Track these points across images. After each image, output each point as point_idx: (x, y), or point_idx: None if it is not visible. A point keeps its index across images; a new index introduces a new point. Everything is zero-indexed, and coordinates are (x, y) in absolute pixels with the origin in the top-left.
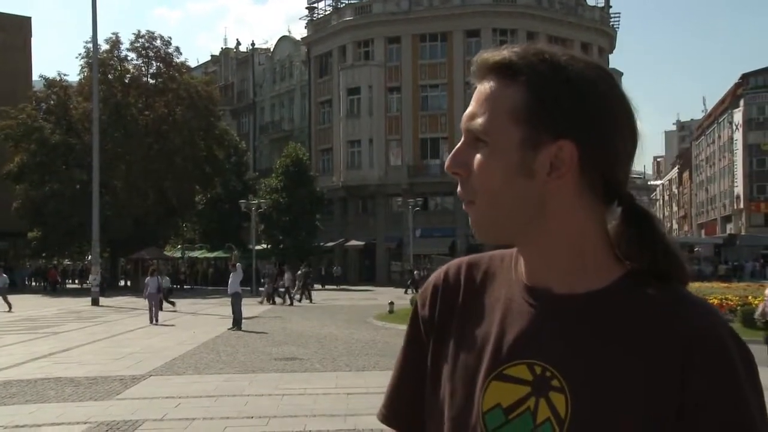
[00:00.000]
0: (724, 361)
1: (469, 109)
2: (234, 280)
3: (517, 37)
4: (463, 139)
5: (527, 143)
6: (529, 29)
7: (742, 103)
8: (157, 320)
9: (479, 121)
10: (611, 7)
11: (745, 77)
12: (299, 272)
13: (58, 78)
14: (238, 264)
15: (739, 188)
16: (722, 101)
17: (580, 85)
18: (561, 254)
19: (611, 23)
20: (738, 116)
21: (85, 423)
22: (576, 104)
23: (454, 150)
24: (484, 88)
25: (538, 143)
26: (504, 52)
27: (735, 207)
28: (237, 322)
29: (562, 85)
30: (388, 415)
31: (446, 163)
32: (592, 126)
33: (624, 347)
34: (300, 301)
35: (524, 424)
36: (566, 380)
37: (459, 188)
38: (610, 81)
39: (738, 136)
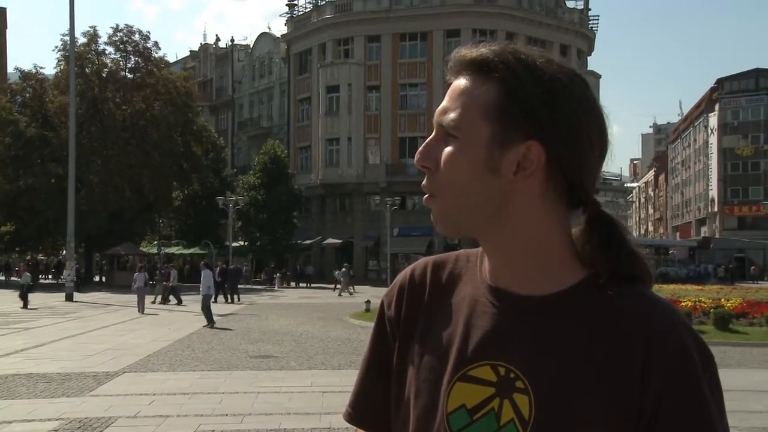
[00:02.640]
0: (683, 361)
1: (443, 104)
2: (203, 280)
3: (497, 37)
4: (434, 133)
5: (496, 141)
6: (509, 30)
7: (717, 107)
8: (143, 311)
9: (451, 116)
10: (590, 9)
11: (720, 82)
12: (342, 270)
13: (34, 71)
14: (206, 263)
15: (713, 191)
16: (698, 105)
17: (552, 88)
18: (522, 255)
19: (590, 26)
20: (713, 120)
21: (57, 420)
22: (547, 107)
23: (424, 143)
24: (458, 83)
25: (507, 142)
26: (481, 50)
27: (709, 210)
28: (209, 320)
29: (535, 86)
30: (353, 414)
31: (416, 157)
32: (561, 129)
33: (586, 348)
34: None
35: (488, 425)
36: (530, 381)
37: (425, 181)
38: (584, 87)
39: (713, 139)
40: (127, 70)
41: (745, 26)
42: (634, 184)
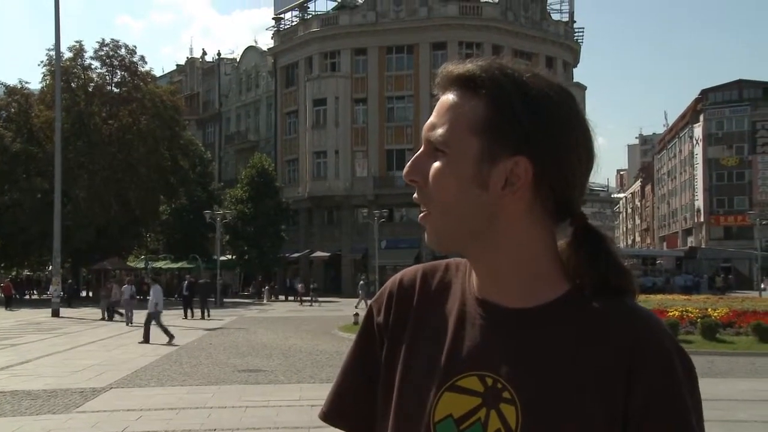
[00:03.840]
0: (666, 371)
1: (431, 119)
2: (153, 296)
3: (483, 50)
4: (422, 148)
5: (484, 156)
6: (495, 42)
7: (702, 118)
8: (131, 323)
9: (439, 131)
10: (575, 22)
11: (704, 93)
12: (360, 283)
13: (19, 85)
14: (155, 278)
15: (699, 202)
16: (683, 116)
17: (540, 103)
18: (510, 268)
19: (575, 38)
20: (698, 131)
21: None
22: (535, 122)
23: (412, 158)
24: (446, 99)
25: (494, 157)
26: (468, 65)
27: (696, 220)
28: (168, 335)
29: (522, 102)
30: (328, 413)
31: (404, 171)
32: (548, 145)
33: (572, 359)
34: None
35: None
36: (517, 392)
37: (416, 195)
38: (571, 102)
39: (698, 150)
40: (113, 85)
41: (728, 38)
42: (621, 195)
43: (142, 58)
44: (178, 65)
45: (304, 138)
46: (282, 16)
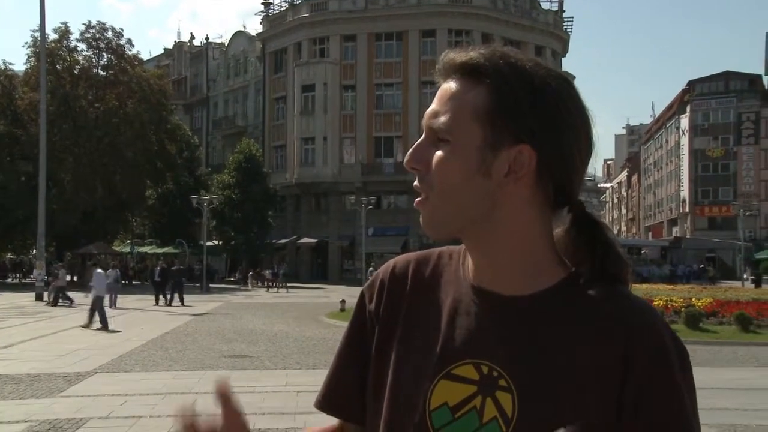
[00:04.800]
0: (661, 358)
1: (432, 107)
2: (95, 282)
3: (472, 38)
4: (423, 135)
5: (488, 145)
6: (484, 31)
7: (688, 109)
8: (115, 305)
9: (442, 119)
10: (564, 11)
11: (691, 84)
12: (369, 269)
13: (3, 66)
14: (96, 263)
15: (685, 192)
16: (670, 107)
17: (542, 91)
18: (508, 256)
19: (564, 27)
20: (685, 122)
21: (26, 422)
22: (537, 110)
23: (414, 146)
24: (448, 87)
25: (498, 145)
26: (471, 53)
27: (681, 210)
28: (102, 322)
29: (525, 90)
30: (323, 402)
31: (405, 159)
32: (551, 133)
33: (567, 346)
34: None
35: (470, 423)
36: (513, 380)
37: (417, 182)
38: (572, 90)
39: (684, 141)
40: (99, 68)
41: (715, 30)
42: (608, 185)
43: (129, 41)
44: (165, 49)
45: (292, 124)
46: (271, 1)
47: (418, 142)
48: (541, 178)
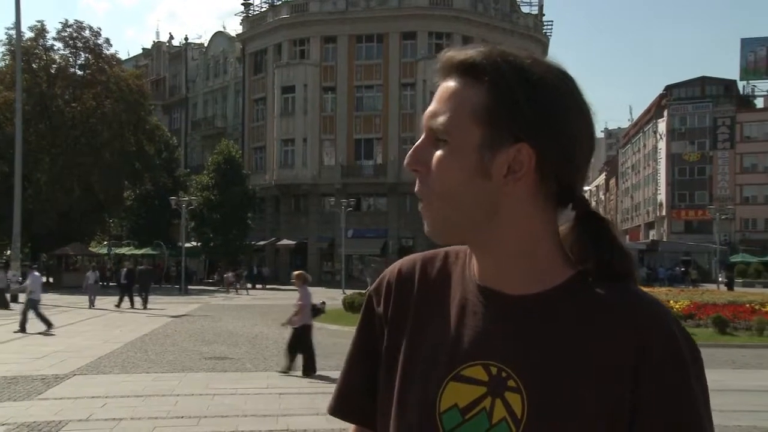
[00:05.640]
0: (673, 356)
1: (431, 107)
2: (30, 284)
3: (453, 41)
4: (423, 136)
5: (486, 144)
6: (465, 34)
7: (666, 113)
8: (93, 306)
9: (440, 119)
10: (544, 15)
11: (669, 89)
12: (373, 266)
13: None
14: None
15: (662, 196)
16: (647, 111)
17: (541, 89)
18: (513, 256)
19: (544, 31)
20: (662, 126)
21: (3, 425)
22: (536, 108)
23: (414, 147)
24: (447, 86)
25: (497, 145)
26: (469, 52)
27: (658, 214)
28: (46, 323)
29: (524, 88)
30: (336, 407)
31: (406, 160)
32: (551, 131)
33: (577, 345)
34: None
35: (480, 424)
36: (522, 380)
37: (417, 185)
38: (572, 86)
39: (662, 145)
40: (77, 67)
41: (692, 35)
42: (586, 188)
43: (107, 40)
44: (144, 49)
45: (271, 125)
46: (251, 1)
47: (417, 142)
48: (542, 177)
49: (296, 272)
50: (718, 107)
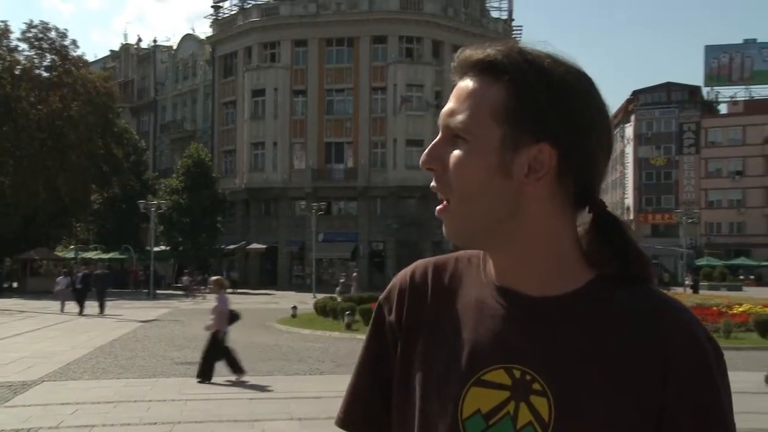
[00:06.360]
0: (699, 358)
1: (449, 106)
2: None
3: (423, 45)
4: (440, 134)
5: (507, 143)
6: (435, 38)
7: (633, 118)
8: (63, 311)
9: (459, 117)
10: (513, 20)
11: (636, 94)
12: (353, 275)
13: None
14: None
15: (629, 200)
16: (615, 116)
17: (562, 88)
18: (533, 256)
19: (514, 35)
20: (629, 131)
21: None
22: (557, 108)
23: (430, 145)
24: (465, 85)
25: (518, 144)
26: (489, 50)
27: (625, 218)
28: None
29: (545, 87)
30: (345, 419)
31: (422, 158)
32: (572, 130)
33: (604, 348)
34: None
35: (504, 429)
36: (548, 383)
37: (434, 183)
38: (591, 86)
39: (629, 149)
40: (42, 69)
41: (658, 41)
42: None
43: (74, 42)
44: (111, 51)
45: (241, 129)
46: (221, 4)
47: (434, 141)
48: (562, 177)
49: (213, 278)
50: (683, 112)
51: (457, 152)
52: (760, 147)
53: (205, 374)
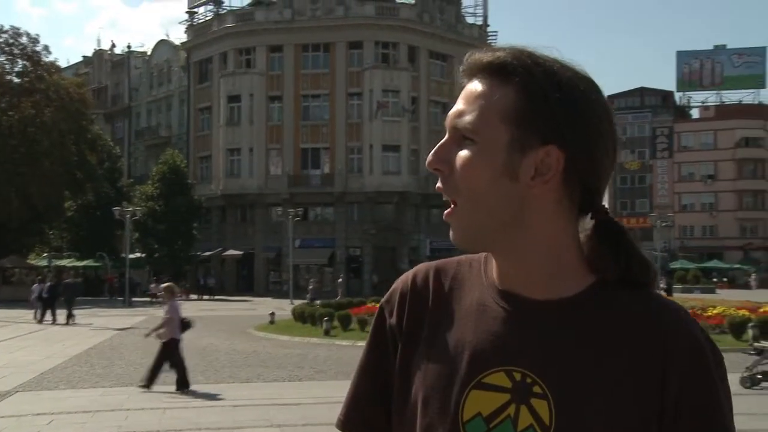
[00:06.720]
0: (699, 361)
1: (457, 107)
2: None
3: (399, 50)
4: (447, 135)
5: (515, 145)
6: (411, 43)
7: None
8: (41, 320)
9: (467, 118)
10: (489, 25)
11: (610, 99)
12: (339, 280)
13: None
14: None
15: (606, 204)
16: None
17: (570, 92)
18: (537, 260)
19: (489, 41)
20: None
21: None
22: (566, 111)
23: (437, 146)
24: (474, 86)
25: (525, 146)
26: (498, 53)
27: None
28: None
29: (554, 90)
30: (346, 422)
31: (428, 159)
32: (579, 134)
33: (604, 351)
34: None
35: None
36: (548, 386)
37: (440, 184)
38: (599, 93)
39: None
40: (14, 74)
41: (631, 47)
42: None
43: (46, 47)
44: (84, 57)
45: (217, 135)
46: (196, 10)
47: (441, 142)
48: (568, 181)
49: (164, 284)
50: (656, 117)
51: (464, 152)
52: (731, 151)
53: (149, 380)
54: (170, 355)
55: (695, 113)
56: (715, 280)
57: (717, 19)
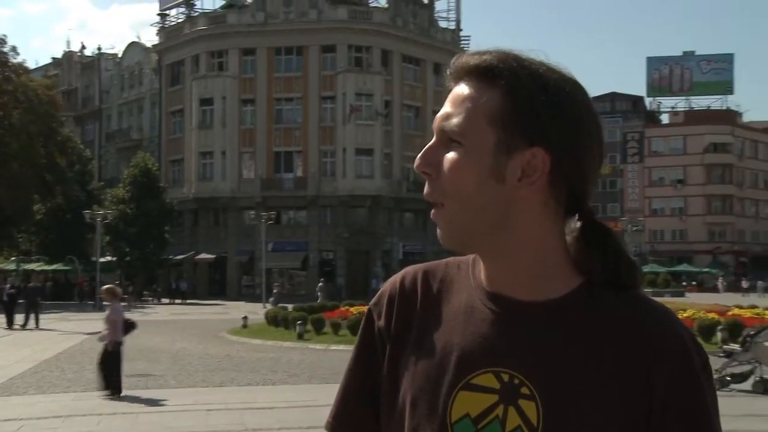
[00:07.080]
0: (685, 362)
1: (444, 110)
2: None
3: (372, 54)
4: (434, 138)
5: (501, 147)
6: (384, 47)
7: None
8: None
9: (454, 121)
10: (462, 30)
11: None
12: (319, 285)
13: None
14: None
15: None
16: None
17: (557, 95)
18: (523, 261)
19: (461, 45)
20: None
21: None
22: (552, 114)
23: (424, 149)
24: (461, 89)
25: (512, 148)
26: (484, 56)
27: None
28: None
29: (540, 93)
30: (335, 424)
31: (416, 162)
32: (566, 137)
33: (592, 353)
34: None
35: None
36: (536, 387)
37: (427, 188)
38: (584, 95)
39: None
40: None
41: (603, 52)
42: None
43: (14, 48)
44: (54, 59)
45: (189, 138)
46: (167, 12)
47: (428, 145)
48: (555, 183)
49: (105, 287)
50: (627, 122)
51: (451, 155)
52: (700, 156)
53: (114, 388)
54: (111, 357)
55: (665, 118)
56: (684, 283)
57: (685, 26)
